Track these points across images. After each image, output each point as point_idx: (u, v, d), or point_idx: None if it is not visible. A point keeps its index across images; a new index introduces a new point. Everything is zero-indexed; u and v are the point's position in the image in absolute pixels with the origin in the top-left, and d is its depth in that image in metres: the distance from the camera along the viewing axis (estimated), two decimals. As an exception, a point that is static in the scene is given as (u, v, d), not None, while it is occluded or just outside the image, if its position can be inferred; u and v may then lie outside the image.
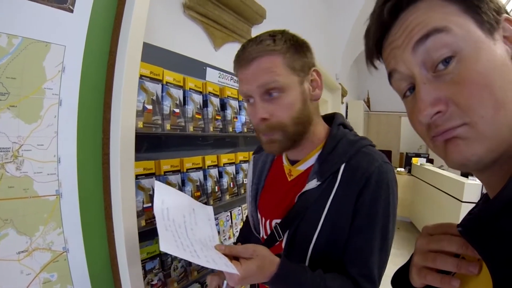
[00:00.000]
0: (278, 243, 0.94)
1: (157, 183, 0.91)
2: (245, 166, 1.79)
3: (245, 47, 0.85)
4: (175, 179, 1.26)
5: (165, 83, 1.19)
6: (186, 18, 1.48)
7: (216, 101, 1.49)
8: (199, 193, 1.37)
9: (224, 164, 1.59)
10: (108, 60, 0.94)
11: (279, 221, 0.94)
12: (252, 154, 1.18)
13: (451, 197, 4.22)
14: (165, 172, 1.21)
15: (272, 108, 0.84)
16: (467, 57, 0.41)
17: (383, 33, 0.50)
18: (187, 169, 1.32)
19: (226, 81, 1.68)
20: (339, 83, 5.08)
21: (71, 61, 0.86)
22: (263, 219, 1.03)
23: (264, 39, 0.84)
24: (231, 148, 1.82)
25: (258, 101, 0.84)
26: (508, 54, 0.42)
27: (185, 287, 1.34)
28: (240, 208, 1.81)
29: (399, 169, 6.77)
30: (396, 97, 0.52)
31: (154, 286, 1.14)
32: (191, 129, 1.31)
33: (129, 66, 0.94)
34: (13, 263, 0.77)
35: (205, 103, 1.42)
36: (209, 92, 1.45)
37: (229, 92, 1.60)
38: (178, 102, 1.26)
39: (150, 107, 1.11)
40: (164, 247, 0.71)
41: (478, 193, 3.81)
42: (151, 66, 1.13)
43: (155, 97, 1.14)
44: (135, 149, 0.99)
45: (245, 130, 1.71)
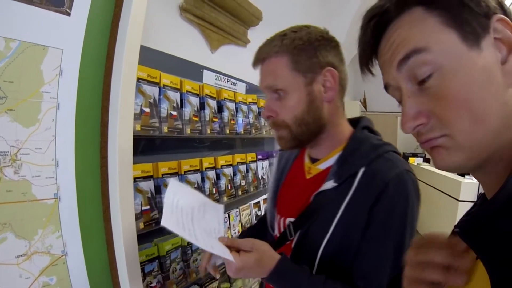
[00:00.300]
0: (289, 242, 0.93)
1: (172, 180, 0.95)
2: (242, 168, 1.80)
3: (261, 46, 0.89)
4: (173, 181, 1.26)
5: (162, 86, 1.20)
6: (182, 20, 1.49)
7: (213, 103, 1.50)
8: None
9: (221, 166, 1.59)
10: (105, 63, 0.95)
11: (293, 219, 0.93)
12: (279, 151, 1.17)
13: (448, 196, 4.23)
14: (163, 174, 1.21)
15: (278, 106, 0.87)
16: (446, 74, 0.43)
17: (374, 47, 0.52)
18: (184, 171, 1.32)
19: (222, 83, 1.69)
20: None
21: (69, 64, 0.86)
22: (278, 216, 1.02)
23: (274, 39, 0.86)
24: (228, 150, 1.83)
25: (267, 99, 0.89)
26: (497, 59, 0.42)
27: (184, 289, 1.34)
28: (238, 209, 1.81)
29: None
30: (392, 98, 0.53)
31: (153, 288, 1.15)
32: (189, 131, 1.31)
33: (126, 69, 0.94)
34: (12, 267, 0.77)
35: (202, 106, 1.42)
36: (206, 94, 1.45)
37: (226, 94, 1.60)
38: (175, 104, 1.26)
39: (147, 110, 1.12)
40: (164, 222, 0.74)
41: (475, 192, 3.82)
42: (148, 69, 1.13)
43: (152, 100, 1.14)
44: (133, 152, 0.99)
45: (242, 132, 1.71)
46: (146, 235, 1.17)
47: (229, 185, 1.63)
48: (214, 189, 1.50)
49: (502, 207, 0.39)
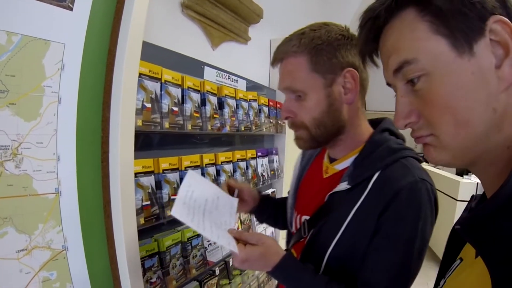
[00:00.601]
0: (303, 240, 0.92)
1: (190, 171, 0.97)
2: (242, 164, 1.80)
3: (279, 44, 0.88)
4: (173, 177, 1.26)
5: (164, 81, 1.19)
6: (184, 17, 1.48)
7: (214, 100, 1.50)
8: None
9: (221, 162, 1.60)
10: (107, 58, 0.94)
11: (308, 218, 0.92)
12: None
13: (446, 195, 4.24)
14: (163, 170, 1.21)
15: (296, 107, 0.86)
16: (433, 79, 0.45)
17: (373, 45, 0.55)
18: (185, 167, 1.33)
19: (223, 80, 1.69)
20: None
21: (71, 59, 0.86)
22: (296, 213, 1.02)
23: (293, 38, 0.85)
24: (228, 146, 1.83)
25: (286, 99, 0.88)
26: (492, 63, 0.42)
27: (184, 285, 1.34)
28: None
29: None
30: (390, 96, 0.54)
31: (153, 284, 1.14)
32: (190, 127, 1.31)
33: (128, 64, 0.94)
34: (13, 261, 0.77)
35: (203, 102, 1.42)
36: (207, 90, 1.45)
37: (227, 91, 1.60)
38: (176, 100, 1.25)
39: (149, 105, 1.11)
40: (174, 212, 0.77)
41: (473, 192, 3.83)
42: (150, 64, 1.13)
43: (154, 96, 1.14)
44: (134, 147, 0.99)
45: (243, 128, 1.71)
46: (146, 231, 1.17)
47: (229, 182, 1.62)
48: (214, 186, 1.50)
49: (502, 205, 0.39)
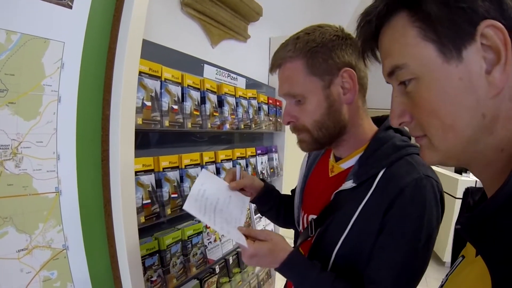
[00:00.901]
0: (310, 239, 0.92)
1: (204, 170, 0.99)
2: (242, 162, 1.80)
3: (276, 51, 0.88)
4: (174, 175, 1.26)
5: (163, 79, 1.19)
6: (183, 15, 1.48)
7: (213, 98, 1.49)
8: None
9: (221, 160, 1.60)
10: (107, 56, 0.94)
11: (315, 217, 0.92)
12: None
13: (445, 193, 4.24)
14: (163, 168, 1.21)
15: (297, 111, 0.87)
16: (421, 84, 0.47)
17: (372, 44, 0.56)
18: (185, 166, 1.32)
19: (223, 78, 1.68)
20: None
21: (70, 57, 0.86)
22: (303, 213, 1.02)
23: (288, 44, 0.85)
24: (228, 144, 1.83)
25: (287, 104, 0.89)
26: (482, 69, 0.41)
27: (184, 283, 1.34)
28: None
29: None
30: (389, 95, 0.54)
31: (153, 282, 1.15)
32: (189, 125, 1.31)
33: (128, 62, 0.93)
34: (13, 261, 0.77)
35: (203, 100, 1.42)
36: (207, 89, 1.44)
37: (227, 89, 1.60)
38: (176, 98, 1.25)
39: (149, 103, 1.11)
40: (186, 206, 0.81)
41: (472, 190, 3.83)
42: (150, 62, 1.13)
43: (154, 94, 1.14)
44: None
45: (242, 126, 1.71)
46: (146, 229, 1.17)
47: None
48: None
49: (502, 205, 0.39)
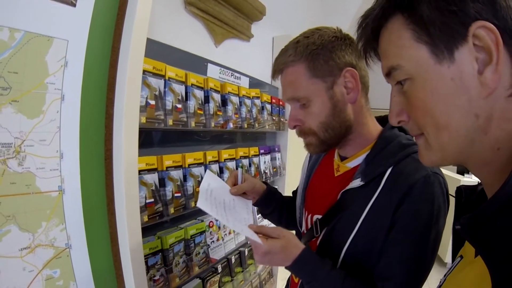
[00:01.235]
0: (314, 239, 0.93)
1: (208, 171, 1.02)
2: (245, 162, 1.79)
3: (277, 57, 0.89)
4: (177, 174, 1.25)
5: (167, 78, 1.19)
6: (187, 14, 1.47)
7: (217, 97, 1.49)
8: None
9: (224, 159, 1.59)
10: (111, 55, 0.93)
11: (320, 217, 0.92)
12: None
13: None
14: (167, 167, 1.21)
15: (302, 115, 0.87)
16: (415, 84, 0.48)
17: (372, 43, 0.57)
18: (188, 165, 1.32)
19: (226, 77, 1.68)
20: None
21: (74, 55, 0.85)
22: (306, 213, 1.02)
23: (288, 49, 0.86)
24: (231, 143, 1.82)
25: (291, 109, 0.90)
26: (474, 69, 0.42)
27: (187, 282, 1.34)
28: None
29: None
30: (389, 95, 0.55)
31: (156, 281, 1.14)
32: (193, 124, 1.31)
33: (132, 61, 0.93)
34: (16, 260, 0.76)
35: (207, 99, 1.42)
36: (211, 88, 1.44)
37: (230, 88, 1.60)
38: (180, 97, 1.25)
39: (153, 102, 1.11)
40: (200, 204, 0.81)
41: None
42: (154, 61, 1.12)
43: (157, 93, 1.14)
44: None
45: (245, 126, 1.71)
46: (149, 228, 1.17)
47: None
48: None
49: (503, 206, 0.39)
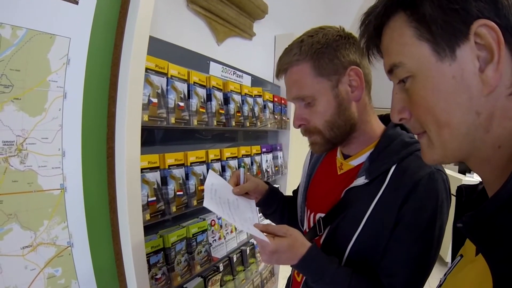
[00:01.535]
0: (317, 238, 0.93)
1: (211, 171, 1.02)
2: (247, 160, 1.79)
3: (281, 56, 0.89)
4: (179, 172, 1.25)
5: (170, 76, 1.18)
6: (189, 12, 1.47)
7: (219, 95, 1.49)
8: (202, 187, 1.35)
9: (226, 158, 1.59)
10: (113, 52, 0.93)
11: (323, 215, 0.92)
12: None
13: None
14: (169, 165, 1.21)
15: (307, 114, 0.87)
16: (417, 82, 0.48)
17: (375, 41, 0.58)
18: (191, 163, 1.32)
19: (229, 76, 1.68)
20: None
21: (76, 53, 0.85)
22: (308, 212, 1.02)
23: (293, 48, 0.86)
24: (233, 142, 1.82)
25: (296, 108, 0.89)
26: (476, 67, 0.42)
27: (188, 281, 1.34)
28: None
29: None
30: (390, 93, 0.56)
31: (158, 280, 1.14)
32: (195, 123, 1.30)
33: (135, 59, 0.92)
34: (18, 258, 0.76)
35: (209, 97, 1.41)
36: (213, 86, 1.44)
37: (232, 86, 1.59)
38: (182, 95, 1.24)
39: (155, 100, 1.10)
40: (206, 203, 0.82)
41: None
42: (156, 59, 1.12)
43: (160, 91, 1.13)
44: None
45: (248, 124, 1.70)
46: (151, 227, 1.16)
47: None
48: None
49: (504, 204, 0.39)
